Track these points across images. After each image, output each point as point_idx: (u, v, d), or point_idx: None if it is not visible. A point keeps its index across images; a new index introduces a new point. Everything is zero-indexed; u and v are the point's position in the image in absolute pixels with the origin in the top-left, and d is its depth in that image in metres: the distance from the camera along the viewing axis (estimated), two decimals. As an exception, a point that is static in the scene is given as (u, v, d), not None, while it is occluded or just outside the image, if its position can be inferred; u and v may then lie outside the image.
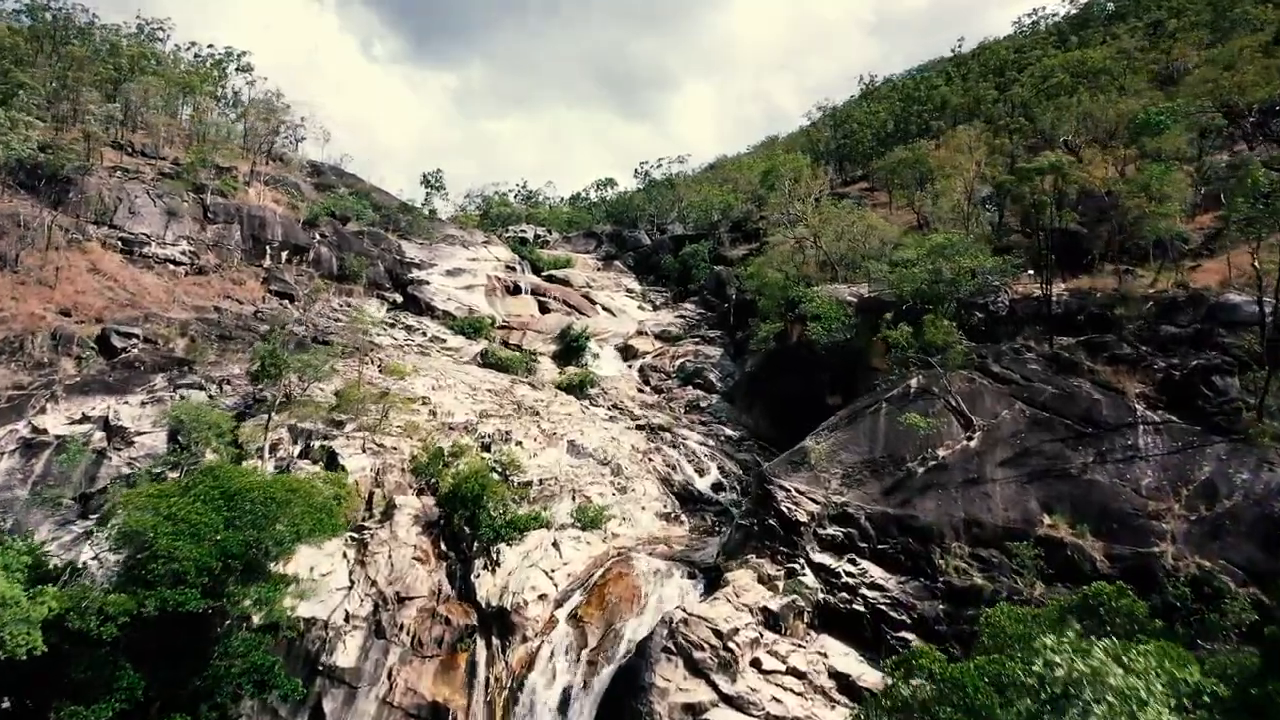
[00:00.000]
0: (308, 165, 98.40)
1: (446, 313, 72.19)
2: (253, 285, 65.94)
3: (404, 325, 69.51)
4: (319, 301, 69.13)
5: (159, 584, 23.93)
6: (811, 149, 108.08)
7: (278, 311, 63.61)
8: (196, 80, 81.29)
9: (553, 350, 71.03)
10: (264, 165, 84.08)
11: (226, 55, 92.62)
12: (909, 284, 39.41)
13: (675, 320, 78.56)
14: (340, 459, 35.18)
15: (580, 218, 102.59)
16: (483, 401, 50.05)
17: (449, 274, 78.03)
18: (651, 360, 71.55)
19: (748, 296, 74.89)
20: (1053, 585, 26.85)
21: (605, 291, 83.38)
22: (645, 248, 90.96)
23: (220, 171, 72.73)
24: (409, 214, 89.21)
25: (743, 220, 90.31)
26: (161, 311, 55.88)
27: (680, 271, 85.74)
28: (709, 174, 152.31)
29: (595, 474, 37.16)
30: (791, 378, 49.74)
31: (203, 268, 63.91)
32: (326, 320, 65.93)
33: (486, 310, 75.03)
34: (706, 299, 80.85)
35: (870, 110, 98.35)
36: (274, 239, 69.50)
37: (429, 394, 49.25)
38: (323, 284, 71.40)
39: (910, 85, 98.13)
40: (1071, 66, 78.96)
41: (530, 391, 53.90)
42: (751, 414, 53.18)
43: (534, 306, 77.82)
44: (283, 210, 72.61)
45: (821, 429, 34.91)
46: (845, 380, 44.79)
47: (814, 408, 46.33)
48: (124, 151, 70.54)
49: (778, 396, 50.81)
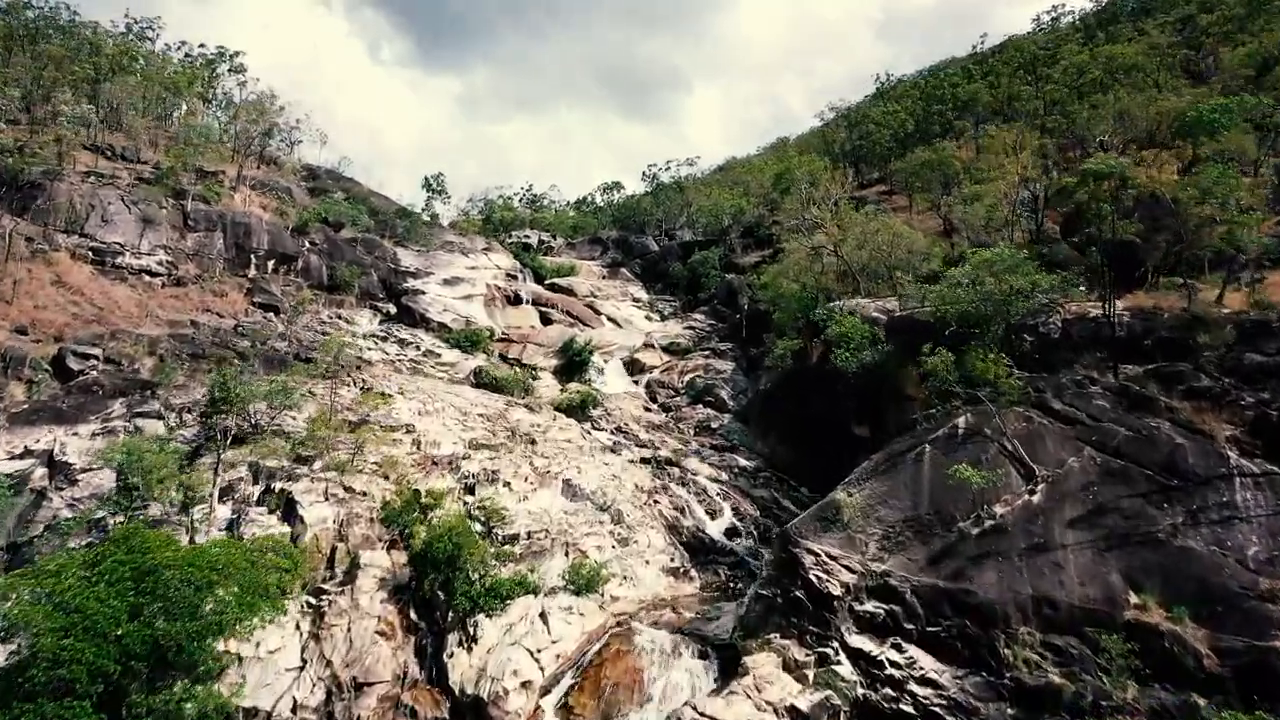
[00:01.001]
0: (303, 169, 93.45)
1: (442, 325, 67.07)
2: (235, 297, 60.92)
3: (396, 339, 64.43)
4: (307, 314, 64.10)
5: (40, 696, 18.84)
6: (826, 150, 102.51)
7: (260, 325, 58.61)
8: (183, 81, 76.30)
9: (554, 365, 65.86)
10: (254, 169, 79.13)
11: (218, 55, 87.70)
12: (951, 305, 33.94)
13: (684, 332, 73.22)
14: (300, 507, 30.00)
15: (585, 223, 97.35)
16: (473, 428, 44.86)
17: (446, 283, 72.91)
18: (659, 375, 66.28)
19: (761, 307, 69.57)
20: (1149, 686, 21.46)
21: (611, 301, 78.12)
22: (653, 254, 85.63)
23: (205, 176, 67.74)
24: (406, 219, 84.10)
25: (755, 225, 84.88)
26: (131, 328, 50.89)
27: (689, 280, 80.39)
28: (718, 176, 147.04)
29: (593, 522, 31.87)
30: (812, 401, 44.38)
31: (181, 279, 58.91)
32: (313, 334, 60.89)
33: (485, 322, 69.86)
34: (717, 309, 75.48)
35: (888, 110, 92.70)
36: (259, 247, 64.47)
37: (414, 420, 44.09)
38: (311, 295, 66.39)
39: (932, 83, 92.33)
40: (1103, 63, 73.30)
41: (526, 415, 48.68)
42: (767, 440, 47.80)
43: (535, 317, 72.63)
44: (270, 217, 67.57)
45: (854, 477, 29.46)
46: (873, 407, 39.41)
47: (838, 436, 41.05)
48: (102, 155, 65.65)
49: (797, 421, 45.43)
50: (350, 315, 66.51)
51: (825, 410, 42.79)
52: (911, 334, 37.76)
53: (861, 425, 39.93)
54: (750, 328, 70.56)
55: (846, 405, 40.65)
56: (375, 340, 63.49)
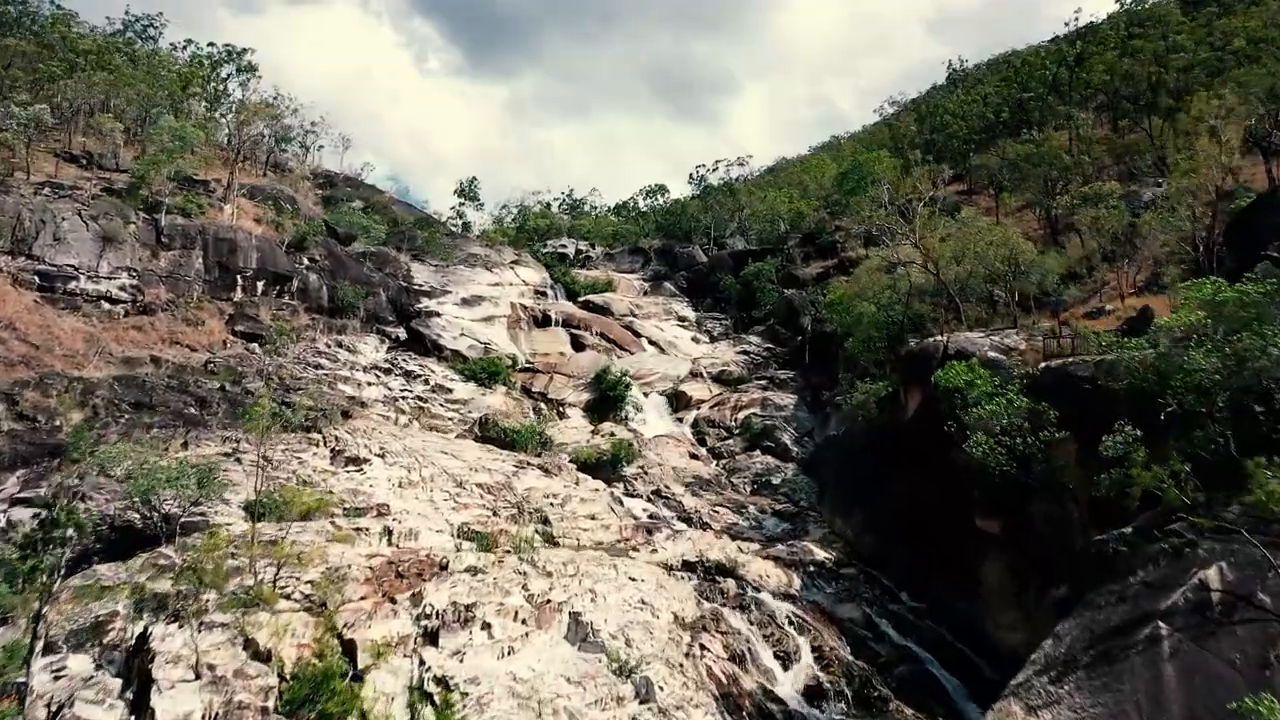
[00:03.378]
0: (320, 175, 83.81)
1: (456, 353, 56.18)
2: (213, 326, 50.73)
3: (402, 370, 53.73)
4: (301, 342, 53.72)
5: None
6: (894, 145, 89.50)
7: (239, 359, 48.32)
8: (175, 81, 66.61)
9: (585, 400, 54.64)
10: (258, 176, 69.29)
11: (226, 54, 78.22)
12: (1179, 376, 21.51)
13: (737, 357, 61.33)
14: (156, 688, 19.05)
15: (625, 231, 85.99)
16: (469, 504, 33.72)
17: (465, 303, 62.07)
18: (708, 412, 54.62)
19: (827, 329, 57.52)
20: None
21: (652, 321, 66.54)
22: (700, 266, 73.73)
23: (192, 185, 57.79)
24: (427, 229, 73.66)
25: (816, 232, 72.52)
26: (69, 370, 40.81)
27: (742, 295, 68.43)
28: (769, 178, 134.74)
29: (607, 699, 20.43)
30: (912, 474, 32.24)
31: (149, 305, 48.88)
32: (304, 368, 50.45)
33: (507, 348, 58.80)
34: (775, 330, 63.44)
35: (965, 99, 79.45)
36: (247, 266, 54.25)
37: (391, 497, 33.09)
38: (308, 319, 56.04)
39: (1031, 62, 78.09)
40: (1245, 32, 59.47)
41: (541, 481, 37.39)
42: (849, 518, 35.69)
43: (565, 341, 61.40)
44: (264, 231, 57.35)
45: (1032, 675, 17.34)
46: (1009, 495, 27.11)
47: (954, 527, 28.99)
48: (75, 164, 56.11)
49: (890, 498, 33.29)
50: (353, 343, 56.01)
51: (932, 489, 30.67)
52: (1074, 399, 25.55)
53: (990, 518, 27.79)
54: (815, 352, 58.64)
55: (966, 487, 28.42)
56: (378, 373, 52.86)
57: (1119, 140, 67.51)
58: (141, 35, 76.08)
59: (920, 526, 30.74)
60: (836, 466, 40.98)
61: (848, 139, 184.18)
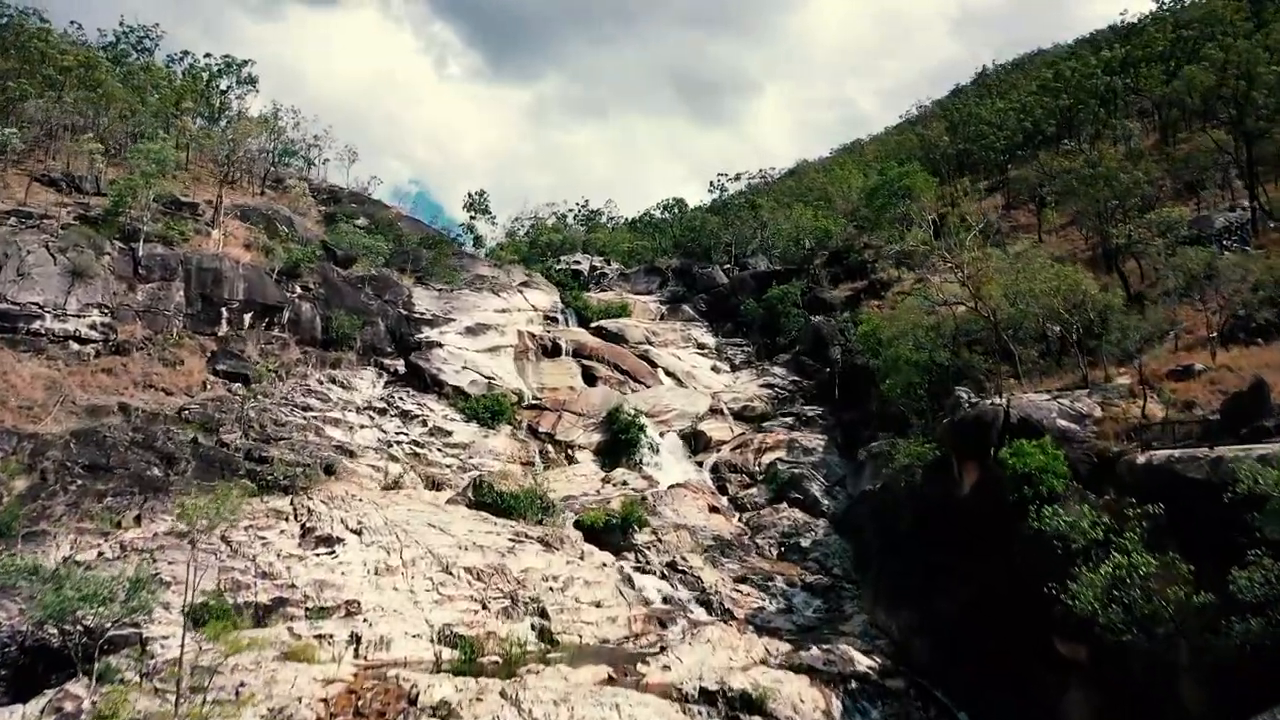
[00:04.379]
0: (325, 191, 79.22)
1: (458, 389, 51.38)
2: (193, 365, 46.27)
3: (398, 410, 49.03)
4: (291, 379, 49.22)
5: None
6: (924, 153, 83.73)
7: (218, 403, 43.81)
8: (169, 97, 62.28)
9: (596, 442, 49.79)
10: (253, 195, 64.92)
11: (225, 66, 73.96)
12: None
13: (760, 391, 56.16)
14: None
15: (641, 248, 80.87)
16: (455, 595, 28.89)
17: (469, 332, 57.29)
18: (729, 455, 49.54)
19: (859, 360, 52.24)
20: None
21: (669, 349, 61.45)
22: (720, 288, 68.49)
23: (176, 209, 53.46)
24: (434, 248, 69.00)
25: (843, 251, 67.11)
26: (24, 425, 36.44)
27: (765, 319, 63.17)
28: (791, 183, 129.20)
29: None
30: (972, 568, 26.97)
31: (123, 345, 44.48)
32: (290, 410, 45.90)
33: (513, 383, 53.96)
34: (801, 360, 58.15)
35: (1002, 107, 73.56)
36: (233, 298, 49.80)
37: (365, 589, 28.31)
38: (299, 354, 51.50)
39: (1078, 69, 71.53)
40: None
41: (540, 558, 32.45)
42: (894, 611, 30.37)
43: (576, 373, 56.44)
44: (251, 258, 52.87)
45: None
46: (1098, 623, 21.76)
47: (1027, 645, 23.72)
48: (55, 188, 51.84)
49: (942, 593, 28.01)
50: (347, 378, 51.39)
51: (998, 590, 25.41)
52: (1183, 505, 20.25)
53: (1074, 643, 22.48)
54: (845, 386, 53.37)
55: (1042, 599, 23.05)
56: (371, 414, 48.21)
57: (1177, 152, 61.54)
58: (136, 47, 71.95)
59: (985, 636, 25.50)
60: (877, 537, 35.69)
61: (870, 141, 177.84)
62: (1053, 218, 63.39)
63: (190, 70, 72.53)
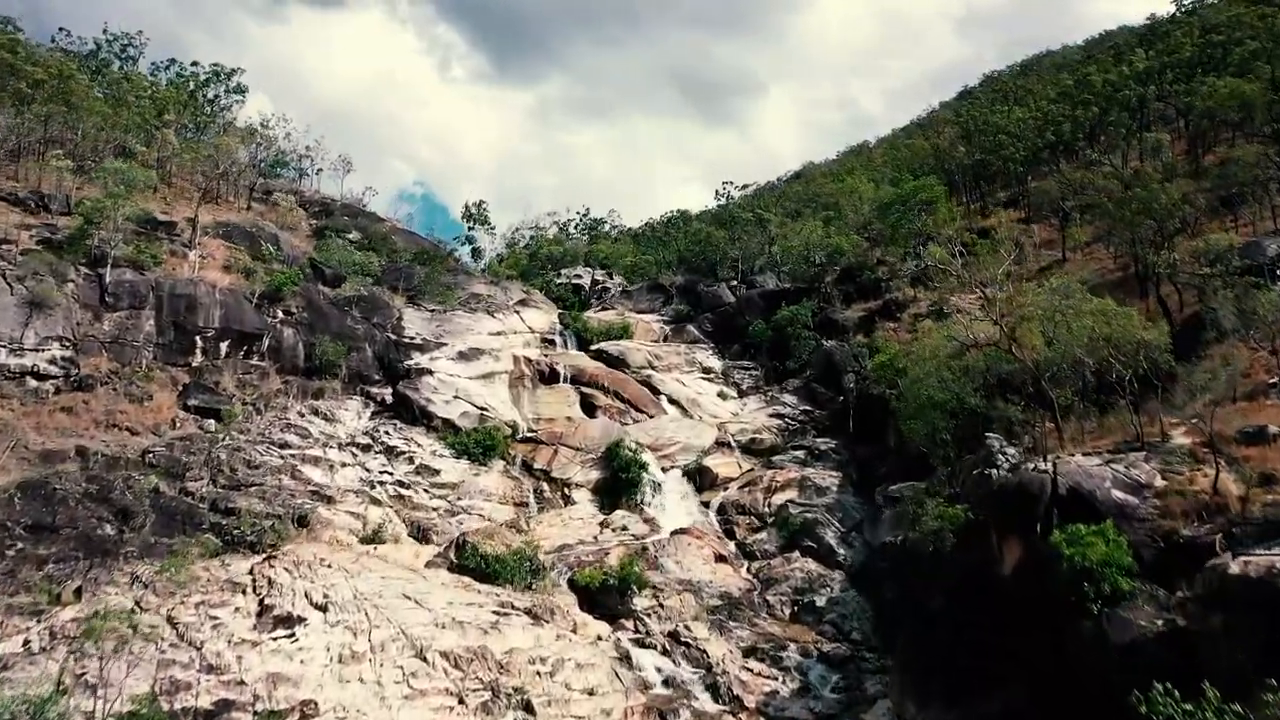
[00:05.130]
0: (317, 203, 75.70)
1: (448, 422, 47.70)
2: (162, 400, 42.68)
3: (383, 446, 45.36)
4: (270, 412, 45.62)
5: None
6: (938, 164, 79.71)
7: (187, 443, 40.16)
8: (149, 109, 58.68)
9: (594, 480, 46.13)
10: (238, 210, 61.32)
11: (213, 75, 70.35)
12: None
13: (769, 422, 52.39)
14: None
15: (645, 264, 76.94)
16: (430, 686, 25.22)
17: (462, 357, 53.58)
18: (737, 494, 45.86)
19: (874, 390, 48.47)
20: None
21: (673, 374, 57.67)
22: (726, 307, 64.62)
23: (152, 228, 49.90)
24: (428, 264, 65.27)
25: (856, 268, 63.19)
26: (-34, 476, 32.97)
27: (774, 341, 59.31)
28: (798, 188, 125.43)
29: None
30: (1020, 664, 23.19)
31: (86, 381, 40.89)
32: (265, 449, 42.25)
33: (506, 414, 50.25)
34: (812, 388, 54.36)
35: (1021, 116, 69.44)
36: (209, 325, 46.22)
37: (327, 679, 24.67)
38: (280, 384, 47.88)
39: (1108, 78, 67.15)
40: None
41: (526, 633, 28.78)
42: (925, 709, 26.52)
43: (574, 401, 52.71)
44: (230, 281, 49.22)
45: None
46: None
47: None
48: (22, 208, 48.24)
49: (984, 695, 24.20)
50: (330, 409, 47.74)
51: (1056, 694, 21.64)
52: None
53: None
54: (861, 418, 49.69)
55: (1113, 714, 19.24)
56: (354, 451, 44.56)
57: (1209, 165, 57.56)
58: (120, 55, 68.36)
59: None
60: (902, 604, 32.01)
61: (878, 145, 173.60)
62: (1078, 235, 59.45)
63: (177, 79, 68.85)
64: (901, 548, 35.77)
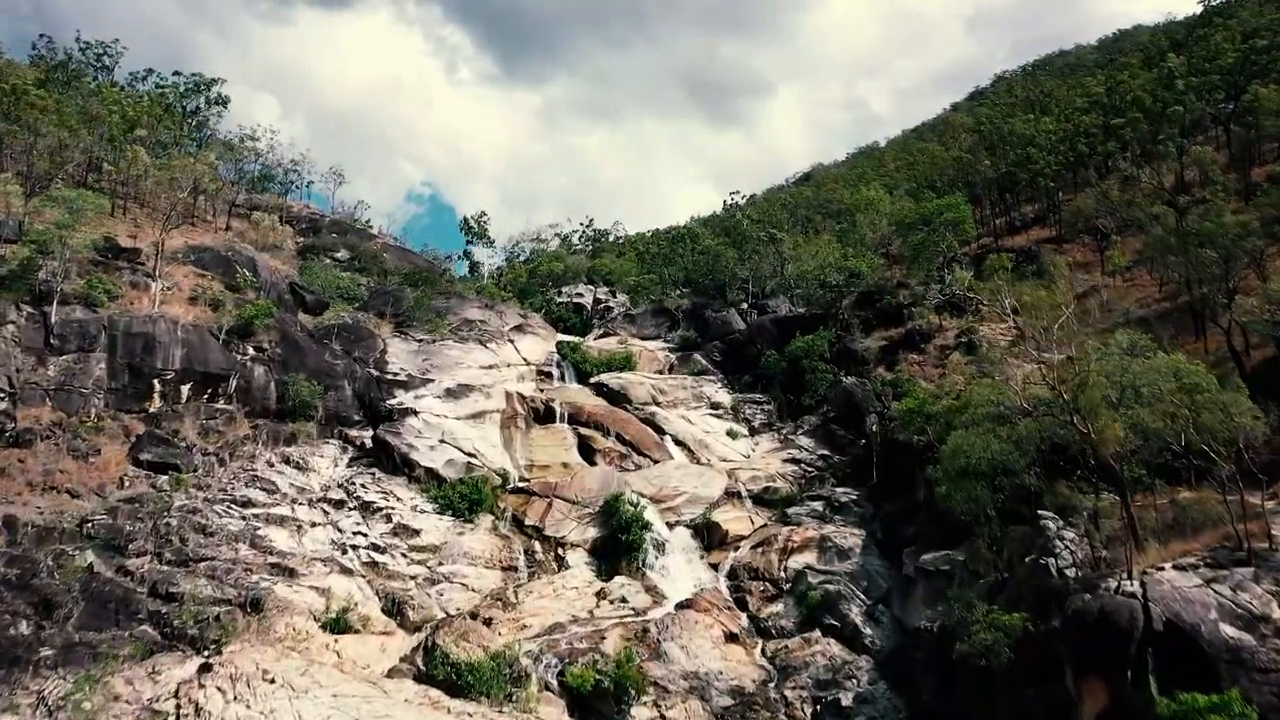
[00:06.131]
0: (305, 219, 70.91)
1: (431, 472, 42.71)
2: (111, 455, 37.73)
3: (358, 501, 40.42)
4: (236, 462, 40.86)
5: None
6: (958, 175, 74.14)
7: (136, 506, 35.31)
8: (118, 125, 53.76)
9: (592, 539, 41.21)
10: (215, 232, 56.49)
11: (194, 85, 65.39)
12: None
13: (784, 467, 47.28)
14: None
15: (649, 284, 71.75)
16: None
17: (449, 395, 48.62)
18: (749, 555, 40.85)
19: (900, 436, 43.40)
20: None
21: (679, 410, 52.50)
22: (736, 335, 59.30)
23: (114, 257, 45.10)
24: (420, 285, 60.34)
25: (875, 292, 57.78)
26: None
27: (788, 374, 54.02)
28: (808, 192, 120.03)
29: None
30: None
31: (24, 435, 36.07)
32: (226, 508, 37.39)
33: (496, 461, 45.24)
34: (831, 428, 49.25)
35: (1052, 129, 63.79)
36: (168, 367, 41.26)
37: None
38: (249, 428, 43.02)
39: (1148, 86, 61.20)
40: None
41: (503, 768, 23.69)
42: None
43: (571, 445, 47.65)
44: (195, 316, 44.35)
45: None
46: None
47: None
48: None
49: None
50: (304, 455, 42.92)
51: None
52: None
53: None
54: (885, 466, 44.50)
55: None
56: (326, 507, 39.66)
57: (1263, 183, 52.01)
58: (95, 65, 63.43)
59: None
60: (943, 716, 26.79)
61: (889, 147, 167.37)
62: (1118, 258, 54.08)
63: (155, 90, 63.89)
64: (940, 638, 30.66)
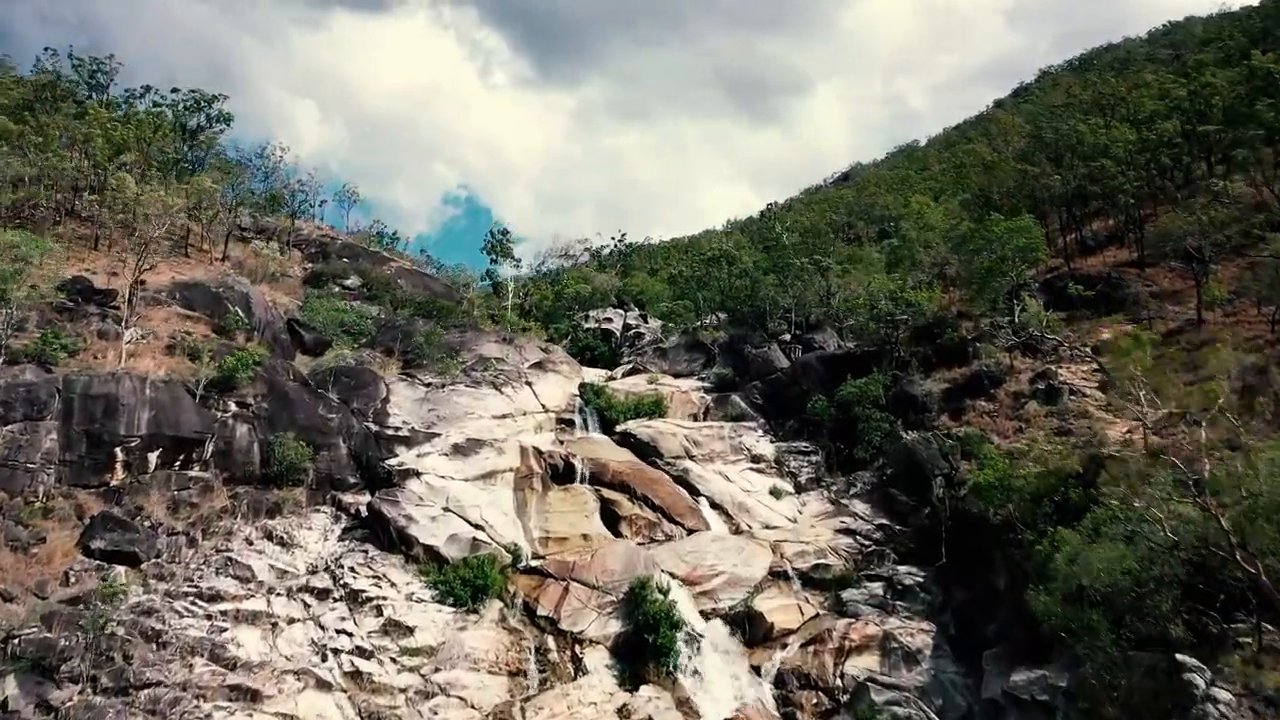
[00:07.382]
0: (315, 242, 65.24)
1: (431, 550, 36.33)
2: (57, 544, 31.86)
3: (344, 590, 34.20)
4: (208, 541, 35.04)
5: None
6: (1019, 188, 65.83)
7: (79, 608, 29.44)
8: (104, 149, 48.30)
9: (614, 635, 34.52)
10: (208, 264, 50.83)
11: (194, 103, 59.87)
12: None
13: (838, 539, 40.26)
14: None
15: (682, 310, 64.75)
16: None
17: (457, 451, 42.24)
18: (798, 655, 34.08)
19: (974, 509, 36.17)
20: None
21: (715, 465, 45.57)
22: (779, 374, 51.96)
23: (82, 301, 39.49)
24: (433, 316, 54.26)
25: (935, 325, 50.18)
26: None
27: (838, 420, 46.76)
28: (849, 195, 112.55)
29: None
30: None
31: (-43, 522, 30.33)
32: (189, 605, 31.53)
33: (508, 531, 38.76)
34: (889, 492, 41.98)
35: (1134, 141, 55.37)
36: (132, 433, 35.36)
37: None
38: (228, 498, 37.06)
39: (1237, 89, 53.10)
40: None
41: None
42: None
43: (593, 510, 40.96)
44: (167, 370, 38.42)
45: None
46: None
47: None
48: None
49: None
50: (288, 529, 36.90)
51: None
52: None
53: None
54: (955, 541, 37.17)
55: None
56: (307, 599, 33.53)
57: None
58: (89, 82, 58.17)
59: None
60: None
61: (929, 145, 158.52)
62: (1216, 289, 45.95)
63: (154, 109, 58.46)
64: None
